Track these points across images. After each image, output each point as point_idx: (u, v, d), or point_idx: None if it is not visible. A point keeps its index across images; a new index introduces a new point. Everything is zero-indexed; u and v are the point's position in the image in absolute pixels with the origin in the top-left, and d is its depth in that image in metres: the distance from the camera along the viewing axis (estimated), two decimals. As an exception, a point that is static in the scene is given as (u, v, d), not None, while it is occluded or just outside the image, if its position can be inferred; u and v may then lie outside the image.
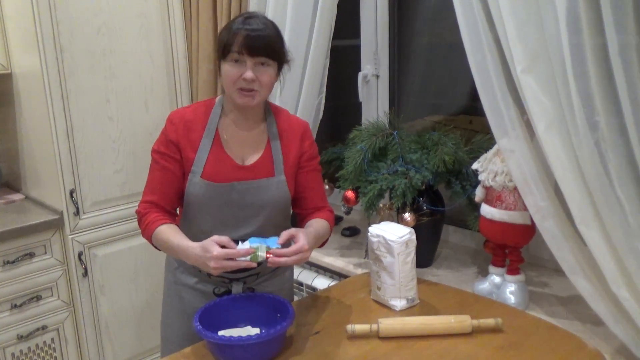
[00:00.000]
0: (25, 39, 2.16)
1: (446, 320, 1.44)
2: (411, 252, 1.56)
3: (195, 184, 1.48)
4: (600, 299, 1.45)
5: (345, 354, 1.36)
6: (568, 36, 1.32)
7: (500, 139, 1.56)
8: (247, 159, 1.52)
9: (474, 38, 1.53)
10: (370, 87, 2.41)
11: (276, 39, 1.44)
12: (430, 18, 2.34)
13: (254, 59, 1.40)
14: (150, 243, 1.51)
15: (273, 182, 1.52)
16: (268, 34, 1.41)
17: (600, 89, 1.31)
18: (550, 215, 1.51)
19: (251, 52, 1.39)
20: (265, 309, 1.43)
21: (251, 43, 1.38)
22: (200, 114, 1.52)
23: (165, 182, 1.51)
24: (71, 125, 2.20)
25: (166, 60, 2.44)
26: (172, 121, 1.51)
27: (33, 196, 2.45)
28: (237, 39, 1.39)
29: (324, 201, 1.65)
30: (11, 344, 2.19)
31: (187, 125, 1.50)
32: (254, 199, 1.50)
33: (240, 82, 1.41)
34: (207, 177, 1.48)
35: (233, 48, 1.39)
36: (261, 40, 1.40)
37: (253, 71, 1.40)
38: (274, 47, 1.43)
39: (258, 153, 1.53)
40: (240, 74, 1.41)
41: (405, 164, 1.84)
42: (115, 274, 2.40)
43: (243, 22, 1.41)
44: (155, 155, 1.52)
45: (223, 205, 1.50)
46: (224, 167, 1.50)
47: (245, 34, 1.38)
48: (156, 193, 1.52)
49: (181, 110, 1.55)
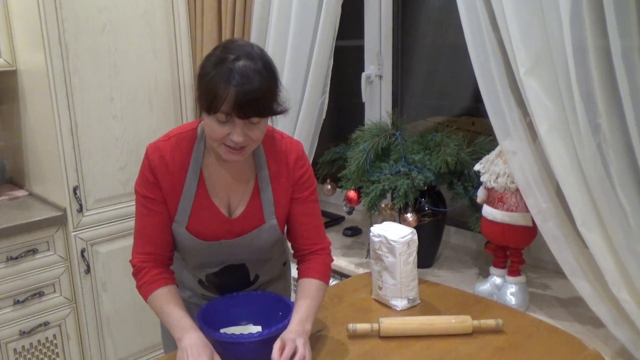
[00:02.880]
0: (31, 36, 2.17)
1: (447, 320, 1.45)
2: (413, 253, 1.57)
3: (180, 235, 1.37)
4: (600, 300, 1.46)
5: (346, 353, 1.37)
6: (571, 38, 1.33)
7: (503, 140, 1.57)
8: (234, 206, 1.39)
9: (478, 39, 1.53)
10: (374, 88, 2.41)
11: (270, 92, 1.21)
12: (434, 19, 2.35)
13: (244, 120, 1.20)
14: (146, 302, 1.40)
15: (264, 229, 1.39)
16: (260, 90, 1.17)
17: (602, 92, 1.31)
18: (551, 217, 1.51)
19: (242, 114, 1.18)
20: (266, 307, 1.44)
21: (242, 104, 1.16)
22: (181, 152, 1.34)
23: (159, 228, 1.37)
24: (75, 122, 2.20)
25: (170, 59, 2.45)
26: (151, 162, 1.33)
27: (36, 192, 2.46)
28: (226, 97, 1.16)
29: (322, 238, 1.47)
30: (13, 340, 2.20)
31: (168, 168, 1.33)
32: (245, 249, 1.41)
33: (228, 141, 1.23)
34: (193, 232, 1.36)
35: (222, 108, 1.17)
36: (253, 99, 1.17)
37: (243, 130, 1.21)
38: (269, 105, 1.22)
39: (246, 198, 1.38)
40: (227, 134, 1.22)
41: (407, 165, 1.85)
42: (118, 271, 2.41)
43: (232, 72, 1.16)
44: (142, 200, 1.37)
45: (211, 254, 1.41)
46: (211, 221, 1.36)
47: (236, 94, 1.15)
48: (151, 243, 1.37)
49: (160, 146, 1.34)
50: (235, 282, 1.49)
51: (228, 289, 1.49)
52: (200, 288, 1.53)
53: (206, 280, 1.50)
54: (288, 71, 2.15)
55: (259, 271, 1.51)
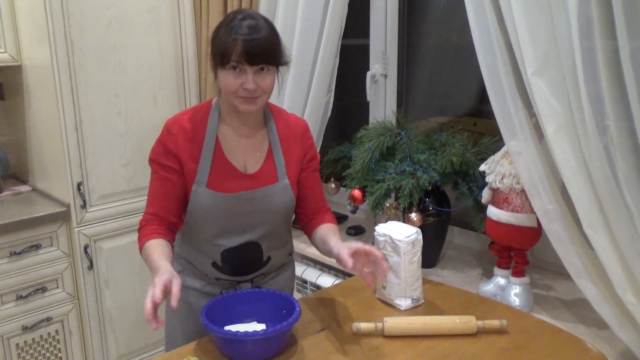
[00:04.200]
0: (36, 31, 2.17)
1: (451, 320, 1.44)
2: (417, 252, 1.56)
3: (200, 194, 1.45)
4: (605, 302, 1.46)
5: (350, 351, 1.37)
6: (579, 39, 1.33)
7: (509, 140, 1.57)
8: (249, 167, 1.49)
9: (485, 40, 1.53)
10: (378, 87, 2.41)
11: (275, 43, 1.38)
12: (439, 20, 2.35)
13: (253, 67, 1.35)
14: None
15: (278, 187, 1.50)
16: (267, 39, 1.34)
17: (610, 93, 1.31)
18: (557, 218, 1.51)
19: (251, 60, 1.33)
20: (270, 305, 1.44)
21: (251, 51, 1.32)
22: (198, 121, 1.47)
23: (166, 193, 1.47)
24: (80, 118, 2.20)
25: (175, 56, 2.45)
26: (170, 131, 1.45)
27: (40, 188, 2.46)
28: (235, 47, 1.32)
29: (323, 200, 1.65)
30: (16, 335, 2.20)
31: (187, 135, 1.45)
32: (262, 206, 1.48)
33: (242, 92, 1.37)
34: (213, 187, 1.45)
35: (232, 57, 1.33)
36: (260, 47, 1.33)
37: (254, 79, 1.35)
38: (274, 53, 1.37)
39: (260, 160, 1.50)
40: (240, 84, 1.36)
41: (413, 164, 1.85)
42: (121, 268, 2.41)
43: (236, 27, 1.33)
44: (154, 166, 1.48)
45: (230, 214, 1.47)
46: (229, 176, 1.47)
47: (243, 42, 1.31)
48: (157, 205, 1.48)
49: (178, 117, 1.48)
50: (249, 260, 1.54)
51: (241, 270, 1.54)
52: (214, 271, 1.54)
53: (221, 260, 1.52)
54: (293, 69, 2.15)
55: (271, 252, 1.56)
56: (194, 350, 1.37)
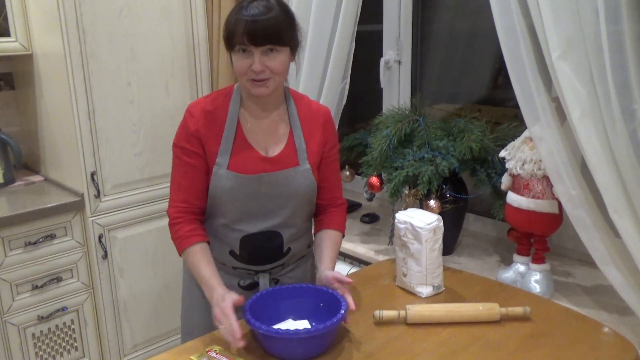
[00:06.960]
0: (47, 19, 2.14)
1: (474, 307, 1.44)
2: (438, 239, 1.55)
3: (222, 176, 1.45)
4: (631, 289, 1.44)
5: (373, 339, 1.36)
6: (606, 23, 1.30)
7: (532, 125, 1.54)
8: (270, 150, 1.49)
9: (508, 23, 1.50)
10: (392, 73, 2.39)
11: (282, 23, 1.34)
12: (453, 5, 2.31)
13: (259, 48, 1.33)
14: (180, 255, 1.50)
15: (298, 171, 1.49)
16: (271, 20, 1.32)
17: (638, 77, 1.29)
18: (581, 204, 1.49)
19: (255, 41, 1.32)
20: (310, 300, 1.42)
21: (253, 32, 1.31)
22: (219, 104, 1.47)
23: (192, 178, 1.47)
24: (93, 107, 2.19)
25: (187, 44, 2.43)
26: (192, 114, 1.45)
27: (52, 178, 2.45)
28: (239, 28, 1.32)
29: (339, 192, 1.64)
30: (32, 325, 2.20)
31: (208, 117, 1.45)
32: (282, 189, 1.48)
33: (250, 73, 1.36)
34: (234, 169, 1.45)
35: (236, 39, 1.33)
36: (263, 27, 1.31)
37: (261, 60, 1.34)
38: (279, 33, 1.34)
39: (281, 143, 1.50)
40: (249, 65, 1.35)
41: (431, 151, 1.83)
42: (135, 257, 2.41)
43: (243, 8, 1.33)
44: (178, 151, 1.47)
45: (251, 197, 1.47)
46: (250, 158, 1.46)
47: (245, 23, 1.31)
48: (183, 192, 1.48)
49: (201, 101, 1.49)
50: (269, 248, 1.53)
51: (260, 259, 1.53)
52: (232, 260, 1.54)
53: (240, 248, 1.51)
54: (308, 56, 2.12)
55: (291, 244, 1.55)
56: (215, 341, 1.37)
